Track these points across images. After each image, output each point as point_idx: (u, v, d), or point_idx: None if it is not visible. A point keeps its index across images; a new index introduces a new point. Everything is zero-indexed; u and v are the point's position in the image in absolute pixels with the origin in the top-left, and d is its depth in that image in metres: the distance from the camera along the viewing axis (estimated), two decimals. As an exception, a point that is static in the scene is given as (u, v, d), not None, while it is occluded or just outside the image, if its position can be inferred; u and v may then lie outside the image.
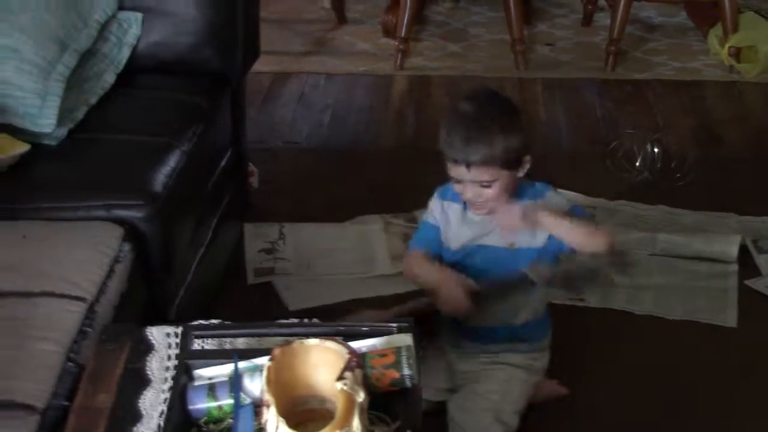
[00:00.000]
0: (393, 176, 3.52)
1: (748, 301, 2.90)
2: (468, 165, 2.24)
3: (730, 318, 2.82)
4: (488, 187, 2.26)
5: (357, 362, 1.46)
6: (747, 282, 2.97)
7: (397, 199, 3.32)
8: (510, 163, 2.25)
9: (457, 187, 2.32)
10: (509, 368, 2.42)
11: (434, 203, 2.43)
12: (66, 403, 1.75)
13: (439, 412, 2.35)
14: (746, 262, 3.05)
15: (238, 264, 3.01)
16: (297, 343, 1.50)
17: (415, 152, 3.69)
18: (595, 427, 2.43)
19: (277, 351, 1.48)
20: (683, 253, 3.07)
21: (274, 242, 3.10)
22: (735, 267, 3.03)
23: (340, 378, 1.43)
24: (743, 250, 3.07)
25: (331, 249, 3.09)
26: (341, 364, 1.47)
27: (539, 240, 2.32)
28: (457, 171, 2.27)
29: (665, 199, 3.37)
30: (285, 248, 3.08)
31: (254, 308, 2.80)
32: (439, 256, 2.43)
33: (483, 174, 2.25)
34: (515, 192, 2.32)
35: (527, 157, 2.29)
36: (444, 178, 2.33)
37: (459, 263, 2.40)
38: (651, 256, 3.07)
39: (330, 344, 1.50)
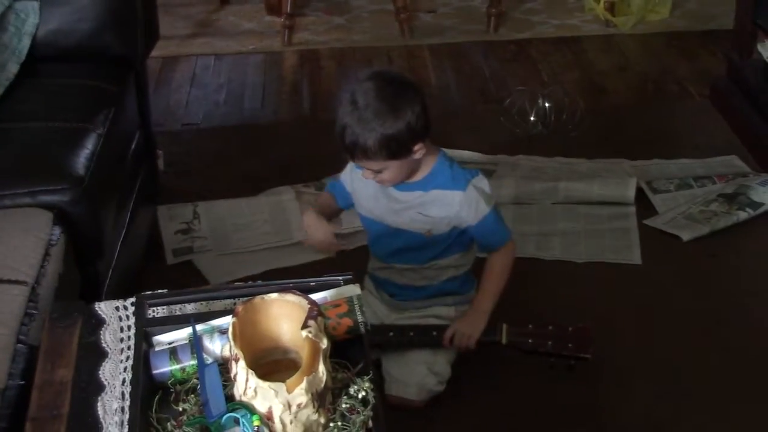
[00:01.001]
0: (294, 149, 3.56)
1: (649, 239, 3.05)
2: (351, 156, 2.30)
3: (635, 256, 2.97)
4: (380, 172, 2.31)
5: (318, 311, 1.52)
6: (645, 221, 3.12)
7: (301, 170, 3.37)
8: (393, 154, 2.25)
9: None
10: (439, 321, 2.51)
11: (348, 166, 2.49)
12: (22, 383, 1.78)
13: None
14: (643, 203, 3.20)
15: (156, 246, 3.03)
16: (258, 298, 1.55)
17: (313, 123, 3.76)
18: (520, 368, 2.53)
19: (239, 307, 1.53)
20: (584, 198, 3.20)
21: (189, 222, 3.12)
22: (633, 208, 3.18)
23: (305, 327, 1.49)
24: (639, 192, 3.22)
25: (246, 222, 3.12)
26: (301, 316, 1.52)
27: (453, 226, 2.41)
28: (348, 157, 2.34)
29: (561, 150, 3.49)
30: (201, 227, 3.10)
31: (177, 287, 2.80)
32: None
33: (367, 164, 2.30)
34: (430, 174, 2.37)
35: (417, 146, 2.27)
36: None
37: (380, 240, 2.49)
38: (554, 204, 3.20)
39: (290, 297, 1.55)
